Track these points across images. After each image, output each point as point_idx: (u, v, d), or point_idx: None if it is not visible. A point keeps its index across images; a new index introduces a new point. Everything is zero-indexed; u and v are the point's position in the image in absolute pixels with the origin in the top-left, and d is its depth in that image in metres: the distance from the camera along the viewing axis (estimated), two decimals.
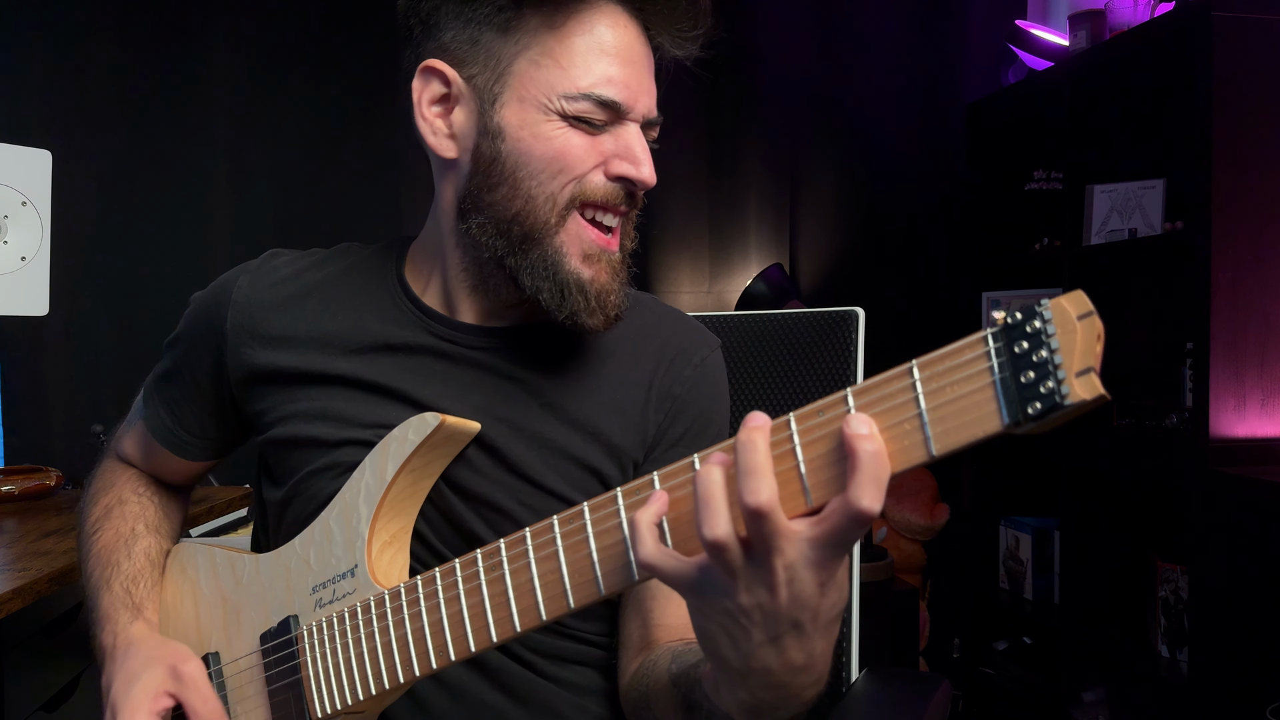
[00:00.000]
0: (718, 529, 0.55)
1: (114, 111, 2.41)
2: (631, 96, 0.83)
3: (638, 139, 0.84)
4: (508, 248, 0.84)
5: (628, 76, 0.83)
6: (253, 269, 0.95)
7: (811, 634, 0.58)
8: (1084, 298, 0.49)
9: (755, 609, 0.57)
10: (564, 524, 0.66)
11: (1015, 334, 0.50)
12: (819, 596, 0.57)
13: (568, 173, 0.83)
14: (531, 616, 0.67)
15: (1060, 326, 0.49)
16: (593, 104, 0.82)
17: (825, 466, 0.55)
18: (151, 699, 0.81)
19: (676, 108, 2.80)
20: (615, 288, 0.87)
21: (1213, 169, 1.98)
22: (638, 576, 0.63)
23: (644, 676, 0.85)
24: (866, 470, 0.52)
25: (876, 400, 0.54)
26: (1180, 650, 2.22)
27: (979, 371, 0.51)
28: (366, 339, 0.90)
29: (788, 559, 0.55)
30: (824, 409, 0.55)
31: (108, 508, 1.00)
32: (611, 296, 0.86)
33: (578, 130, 0.83)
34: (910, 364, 0.53)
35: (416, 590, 0.74)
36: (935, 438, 0.52)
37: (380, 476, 0.81)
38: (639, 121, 0.85)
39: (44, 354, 2.35)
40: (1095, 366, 0.49)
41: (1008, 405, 0.50)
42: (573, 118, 0.82)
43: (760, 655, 0.59)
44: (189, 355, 0.97)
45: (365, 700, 0.78)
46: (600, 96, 0.82)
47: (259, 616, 0.86)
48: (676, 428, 0.93)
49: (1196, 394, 2.04)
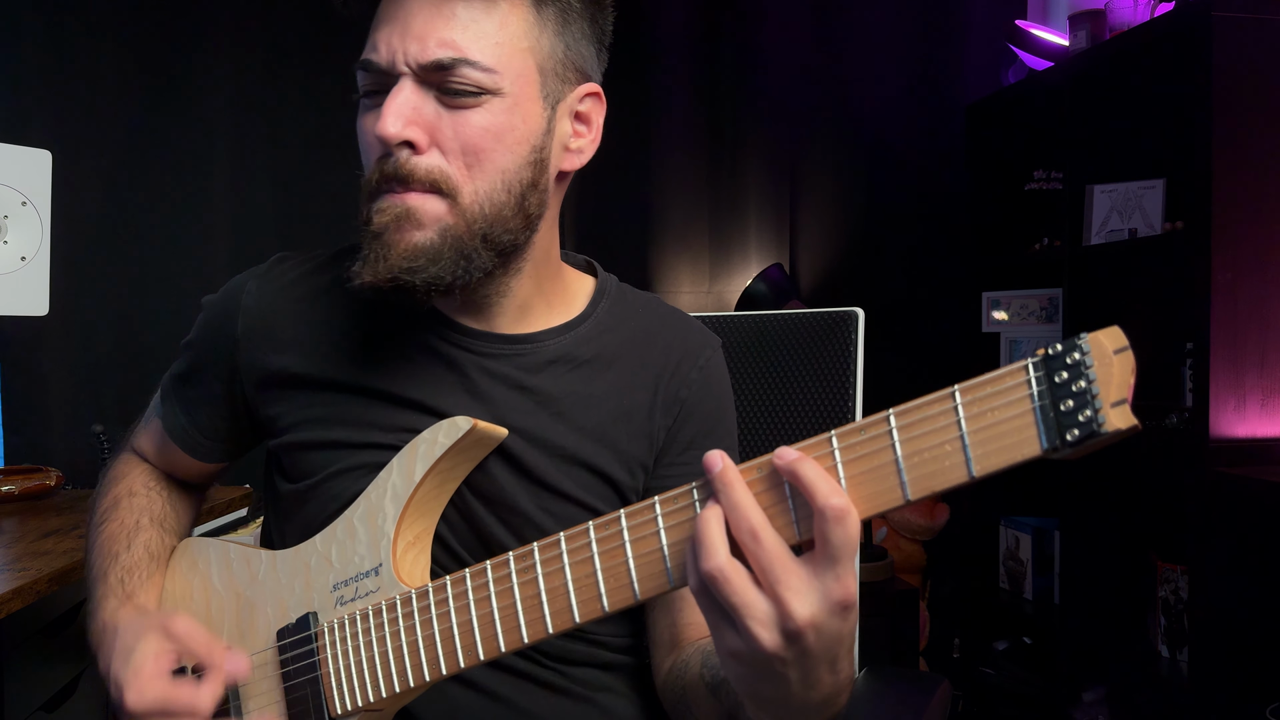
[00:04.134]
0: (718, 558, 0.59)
1: (114, 111, 2.41)
2: (387, 51, 0.79)
3: (391, 95, 0.78)
4: None
5: (386, 33, 0.79)
6: (261, 273, 0.95)
7: (841, 653, 0.60)
8: (1120, 334, 0.52)
9: (786, 654, 0.58)
10: (600, 529, 0.67)
11: (1055, 364, 0.53)
12: (844, 625, 0.59)
13: (365, 161, 0.83)
14: (565, 619, 0.68)
15: (1098, 359, 0.52)
16: (361, 72, 0.82)
17: (866, 484, 0.58)
18: (153, 660, 0.80)
19: (677, 107, 2.82)
20: (403, 243, 0.79)
21: (1213, 169, 1.98)
22: (673, 584, 0.64)
23: (679, 678, 0.87)
24: (810, 472, 0.57)
25: (919, 421, 0.56)
26: (1180, 650, 2.22)
27: (1020, 398, 0.54)
28: (377, 346, 0.90)
29: (801, 592, 0.57)
30: (864, 428, 0.58)
31: (116, 499, 1.00)
32: (394, 251, 0.79)
33: (363, 108, 0.83)
34: (953, 388, 0.55)
35: (446, 590, 0.75)
36: (976, 459, 0.55)
37: (408, 477, 0.82)
38: (408, 74, 0.79)
39: (44, 354, 2.35)
40: (1129, 399, 0.52)
41: (1047, 431, 0.53)
42: (361, 96, 0.83)
43: (798, 692, 0.61)
44: (202, 359, 0.97)
45: (386, 699, 0.78)
46: (360, 63, 0.81)
47: (275, 612, 0.87)
48: (686, 431, 0.94)
49: (1196, 394, 2.04)
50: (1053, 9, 2.80)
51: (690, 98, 2.86)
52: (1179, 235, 2.20)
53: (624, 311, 0.97)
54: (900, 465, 0.56)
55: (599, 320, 0.94)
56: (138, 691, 0.79)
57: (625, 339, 0.94)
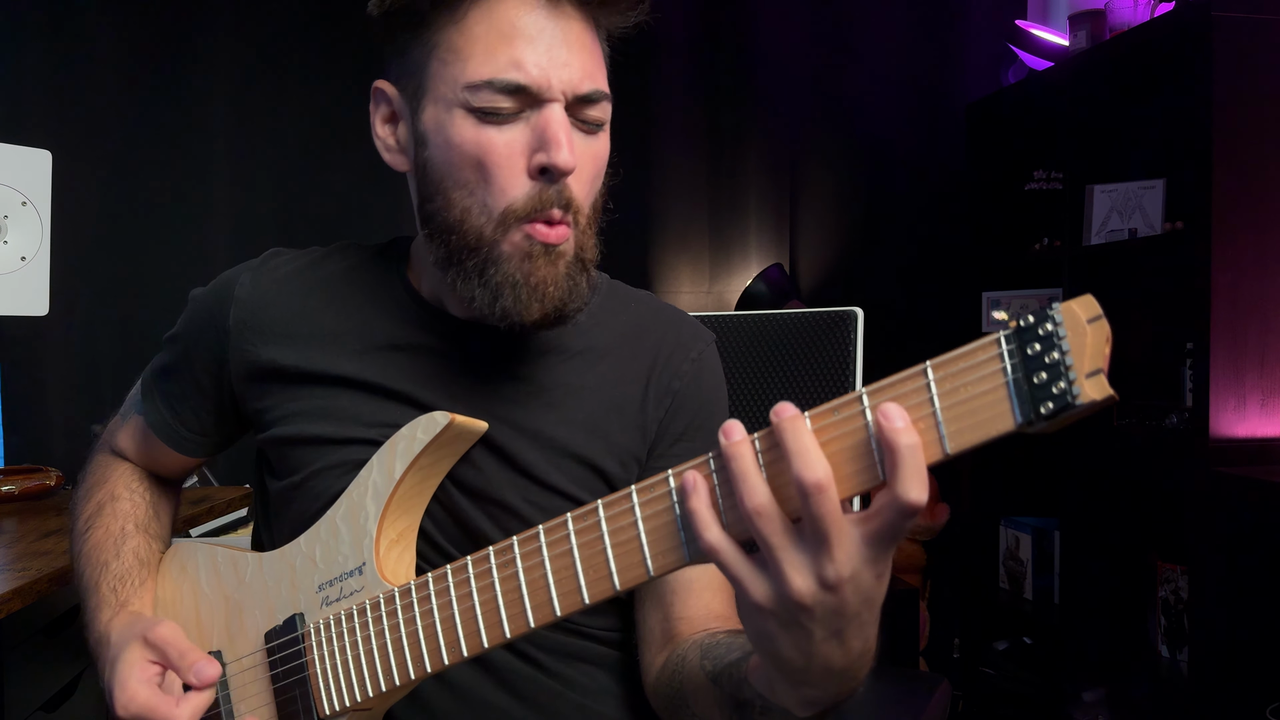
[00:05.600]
0: (758, 497, 0.56)
1: (114, 111, 2.41)
2: (542, 75, 0.77)
3: (556, 120, 0.78)
4: (447, 258, 0.83)
5: (536, 56, 0.77)
6: (254, 267, 0.96)
7: (869, 620, 0.59)
8: (1093, 302, 0.51)
9: (818, 605, 0.56)
10: (578, 520, 0.66)
11: (1028, 336, 0.52)
12: (878, 586, 0.58)
13: (494, 180, 0.79)
14: (546, 612, 0.68)
15: (1071, 329, 0.51)
16: (494, 91, 0.77)
17: (844, 463, 0.56)
18: (138, 671, 0.82)
19: (677, 107, 2.83)
20: (555, 278, 0.81)
21: (1213, 169, 1.98)
22: (652, 573, 0.63)
23: (674, 674, 0.84)
24: (908, 463, 0.52)
25: (892, 399, 0.55)
26: (1180, 650, 2.22)
27: (992, 372, 0.53)
28: (370, 338, 0.90)
29: (847, 549, 0.55)
30: (839, 408, 0.56)
31: (99, 505, 1.00)
32: (550, 287, 0.80)
33: (488, 125, 0.78)
34: (924, 365, 0.54)
35: (428, 587, 0.75)
36: (950, 436, 0.53)
37: (389, 475, 0.82)
38: (560, 101, 0.79)
39: (44, 354, 2.35)
40: (1104, 368, 0.50)
41: (1020, 405, 0.52)
42: (479, 111, 0.78)
43: (823, 651, 0.59)
44: (189, 352, 0.96)
45: (374, 697, 0.78)
46: (501, 82, 0.77)
47: (263, 615, 0.87)
48: (678, 423, 0.93)
49: (1196, 394, 2.04)
50: (1053, 9, 2.80)
51: (690, 98, 2.86)
52: (1179, 235, 2.20)
53: (616, 306, 0.97)
54: (874, 444, 0.55)
55: (591, 314, 0.92)
56: (123, 702, 0.81)
57: (618, 332, 0.94)
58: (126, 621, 0.88)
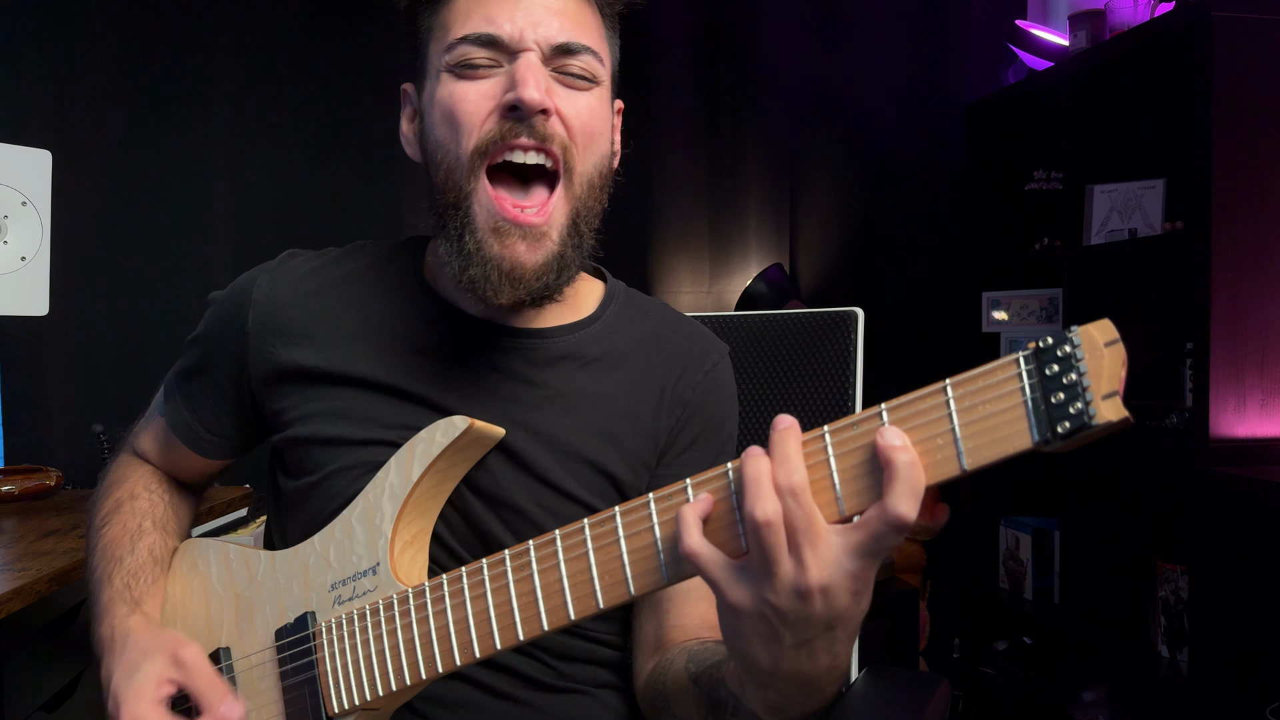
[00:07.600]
0: (767, 508, 0.57)
1: (114, 111, 2.41)
2: (514, 29, 0.80)
3: (526, 62, 0.80)
4: (441, 227, 0.85)
5: (510, 11, 0.80)
6: (272, 268, 0.96)
7: (841, 637, 0.60)
8: (1110, 326, 0.52)
9: (790, 612, 0.58)
10: (595, 526, 0.67)
11: (1046, 357, 0.53)
12: (853, 604, 0.58)
13: (463, 126, 0.81)
14: (560, 616, 0.69)
15: (1089, 352, 0.52)
16: (468, 45, 0.81)
17: (858, 477, 0.57)
18: (154, 687, 0.81)
19: (677, 107, 2.82)
20: (532, 262, 0.81)
21: (1213, 169, 1.98)
22: (667, 579, 0.64)
23: (661, 676, 0.85)
24: (903, 479, 0.54)
25: (910, 415, 0.56)
26: (1180, 650, 2.22)
27: (1011, 391, 0.54)
28: (388, 338, 0.91)
29: (824, 556, 0.56)
30: (858, 423, 0.58)
31: (118, 502, 1.00)
32: (526, 272, 0.81)
33: (463, 79, 0.81)
34: (944, 382, 0.55)
35: (442, 588, 0.75)
36: (967, 452, 0.55)
37: (406, 477, 0.82)
38: (534, 50, 0.81)
39: (44, 354, 2.35)
40: (1120, 391, 0.51)
41: (1038, 424, 0.53)
42: (455, 67, 0.81)
43: (790, 658, 0.60)
44: (209, 355, 0.97)
45: (383, 697, 0.78)
46: (474, 35, 0.80)
47: (273, 612, 0.87)
48: (688, 432, 0.94)
49: (1196, 394, 2.04)
50: (1053, 9, 2.80)
51: (690, 98, 2.86)
52: (1179, 235, 2.20)
53: (633, 315, 0.98)
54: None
55: (608, 322, 0.95)
56: (132, 714, 0.80)
57: (634, 341, 0.95)
58: (147, 629, 0.88)
